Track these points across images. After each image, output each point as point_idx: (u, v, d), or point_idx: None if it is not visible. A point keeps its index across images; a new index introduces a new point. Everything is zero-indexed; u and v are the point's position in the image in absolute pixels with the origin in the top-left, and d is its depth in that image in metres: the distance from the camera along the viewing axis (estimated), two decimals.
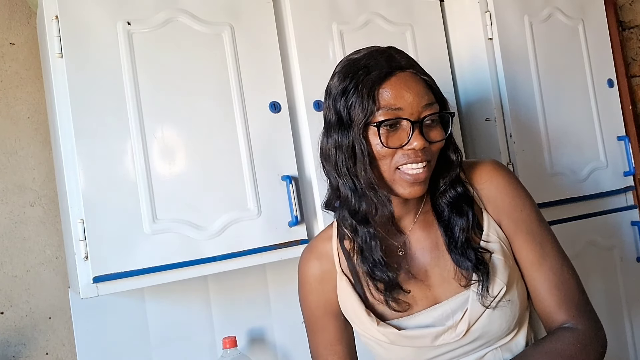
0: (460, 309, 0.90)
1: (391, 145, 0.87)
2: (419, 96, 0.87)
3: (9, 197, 1.41)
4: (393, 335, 0.92)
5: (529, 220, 0.95)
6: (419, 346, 0.92)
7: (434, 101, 0.89)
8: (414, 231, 0.97)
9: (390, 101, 0.86)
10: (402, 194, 0.89)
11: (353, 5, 1.40)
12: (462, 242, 0.91)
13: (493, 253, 0.92)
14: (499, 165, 0.99)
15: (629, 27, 1.87)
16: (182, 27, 1.23)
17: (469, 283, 0.90)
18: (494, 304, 0.89)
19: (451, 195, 0.94)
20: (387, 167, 0.88)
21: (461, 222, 0.92)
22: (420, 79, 0.89)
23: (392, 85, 0.87)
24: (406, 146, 0.86)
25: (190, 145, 1.21)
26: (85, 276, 1.12)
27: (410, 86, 0.87)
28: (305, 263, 1.03)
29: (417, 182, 0.88)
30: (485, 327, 0.89)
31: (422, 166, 0.87)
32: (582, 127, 1.58)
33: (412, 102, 0.86)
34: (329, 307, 1.01)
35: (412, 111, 0.86)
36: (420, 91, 0.88)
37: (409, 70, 0.89)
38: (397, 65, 0.89)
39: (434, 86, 0.91)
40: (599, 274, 1.57)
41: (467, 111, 1.56)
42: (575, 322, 0.90)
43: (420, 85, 0.88)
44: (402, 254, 0.96)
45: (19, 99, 1.44)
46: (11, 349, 1.37)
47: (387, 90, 0.87)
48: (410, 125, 0.86)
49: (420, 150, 0.86)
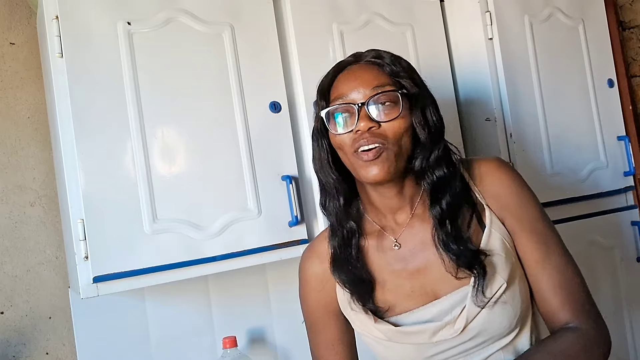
0: (458, 305, 0.89)
1: (341, 131, 0.90)
2: (367, 81, 0.89)
3: (9, 197, 1.41)
4: (390, 332, 0.92)
5: (534, 218, 0.94)
6: (417, 343, 0.91)
7: (386, 83, 0.89)
8: (412, 224, 0.95)
9: (338, 93, 0.91)
10: (364, 177, 0.89)
11: (353, 5, 1.40)
12: (441, 236, 0.90)
13: (491, 250, 0.90)
14: (503, 162, 0.99)
15: (629, 27, 1.87)
16: (182, 27, 1.23)
17: (461, 277, 0.89)
18: (493, 300, 0.88)
19: (430, 181, 0.91)
20: (348, 155, 0.90)
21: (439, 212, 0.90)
22: (373, 65, 0.92)
23: (342, 78, 0.92)
24: (354, 129, 0.88)
25: (190, 145, 1.21)
26: (85, 276, 1.12)
27: (359, 75, 0.91)
28: (306, 262, 1.04)
29: (371, 162, 0.87)
30: (484, 324, 0.88)
31: (373, 147, 0.87)
32: (582, 127, 1.58)
33: (359, 89, 0.89)
34: (329, 306, 1.01)
35: (359, 96, 0.89)
36: (370, 76, 0.90)
37: (364, 61, 0.93)
38: (355, 60, 0.94)
39: (394, 70, 0.91)
40: (599, 274, 1.58)
41: (467, 111, 1.56)
42: (579, 322, 0.89)
43: (372, 70, 0.91)
44: (397, 248, 0.95)
45: (19, 99, 1.45)
46: (11, 349, 1.37)
47: (337, 84, 0.92)
48: (356, 109, 0.88)
49: (367, 132, 0.87)
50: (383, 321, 0.93)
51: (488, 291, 0.88)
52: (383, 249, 0.96)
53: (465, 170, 0.96)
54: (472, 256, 0.88)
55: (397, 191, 0.93)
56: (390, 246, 0.96)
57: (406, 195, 0.95)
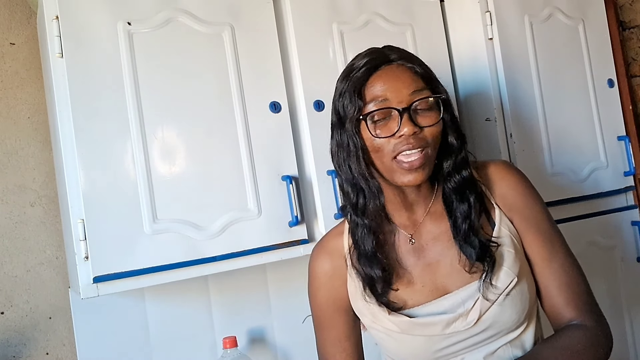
0: (471, 298, 0.92)
1: (382, 135, 0.89)
2: (405, 84, 0.89)
3: (9, 197, 1.41)
4: (404, 323, 0.93)
5: (540, 218, 0.98)
6: (430, 335, 0.92)
7: (423, 87, 0.90)
8: (426, 221, 0.98)
9: (376, 94, 0.89)
10: (402, 182, 0.90)
11: (353, 5, 1.40)
12: (465, 230, 0.93)
13: (502, 245, 0.93)
14: (510, 165, 1.03)
15: (629, 27, 1.87)
16: (183, 27, 1.23)
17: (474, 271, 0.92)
18: (504, 294, 0.90)
19: (456, 180, 0.95)
20: (386, 159, 0.90)
21: (465, 209, 0.93)
22: (407, 69, 0.91)
23: (378, 79, 0.90)
24: (397, 133, 0.88)
25: (190, 145, 1.21)
26: (85, 276, 1.12)
27: (397, 76, 0.90)
28: (316, 259, 1.04)
29: (414, 169, 0.88)
30: (495, 317, 0.91)
31: (416, 152, 0.88)
32: (582, 127, 1.58)
33: (399, 91, 0.88)
34: (338, 303, 1.02)
35: (400, 99, 0.88)
36: (407, 79, 0.90)
37: (397, 62, 0.92)
38: (385, 59, 0.92)
39: (426, 74, 0.92)
40: (600, 274, 1.58)
41: (467, 111, 1.56)
42: (583, 319, 0.92)
43: (408, 74, 0.91)
44: (413, 244, 0.98)
45: (19, 99, 1.45)
46: (11, 349, 1.37)
47: (374, 84, 0.90)
48: (398, 114, 0.88)
49: (412, 136, 0.87)
50: (397, 313, 0.94)
51: (498, 283, 0.91)
52: (398, 244, 0.98)
53: (474, 171, 0.99)
54: (484, 248, 0.91)
55: (416, 191, 0.96)
56: (405, 241, 0.98)
57: (423, 193, 0.97)
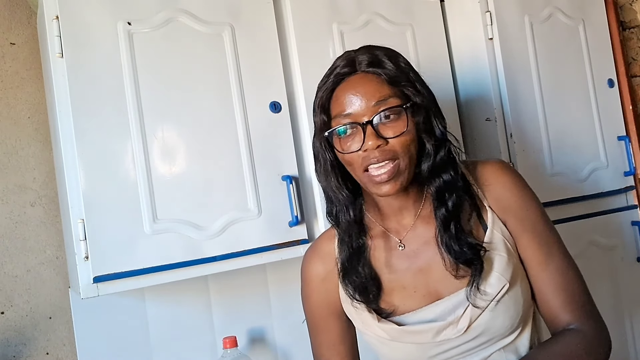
0: (461, 305, 0.90)
1: (350, 150, 0.88)
2: (368, 95, 0.87)
3: (9, 197, 1.41)
4: (394, 331, 0.92)
5: (535, 220, 0.94)
6: (420, 342, 0.91)
7: (388, 95, 0.87)
8: (418, 225, 0.96)
9: (340, 109, 0.89)
10: (377, 193, 0.89)
11: (353, 5, 1.40)
12: (445, 234, 0.90)
13: (493, 250, 0.91)
14: (505, 164, 0.99)
15: (629, 27, 1.87)
16: (183, 27, 1.23)
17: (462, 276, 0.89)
18: (495, 300, 0.88)
19: (436, 184, 0.92)
20: (358, 172, 0.90)
21: (444, 213, 0.91)
22: (373, 76, 0.88)
23: (342, 92, 0.89)
24: (362, 147, 0.87)
25: (190, 145, 1.21)
26: (85, 276, 1.12)
27: (358, 89, 0.88)
28: (308, 262, 1.04)
29: (384, 182, 0.87)
30: (487, 324, 0.89)
31: (384, 164, 0.86)
32: (582, 127, 1.58)
33: (361, 104, 0.87)
34: (331, 306, 1.01)
35: (363, 113, 0.87)
36: (371, 89, 0.87)
37: (362, 71, 0.89)
38: (351, 69, 0.90)
39: (396, 78, 0.88)
40: (600, 274, 1.58)
41: (467, 111, 1.56)
42: (580, 323, 0.90)
43: (372, 83, 0.88)
44: (401, 249, 0.96)
45: (19, 99, 1.45)
46: (11, 349, 1.37)
47: (338, 98, 0.90)
48: (361, 128, 0.87)
49: (377, 150, 0.86)
50: (387, 320, 0.93)
51: (489, 289, 0.88)
52: (387, 249, 0.97)
53: (467, 172, 0.97)
54: (472, 252, 0.89)
55: (403, 196, 0.94)
56: (395, 247, 0.96)
57: (411, 198, 0.95)
